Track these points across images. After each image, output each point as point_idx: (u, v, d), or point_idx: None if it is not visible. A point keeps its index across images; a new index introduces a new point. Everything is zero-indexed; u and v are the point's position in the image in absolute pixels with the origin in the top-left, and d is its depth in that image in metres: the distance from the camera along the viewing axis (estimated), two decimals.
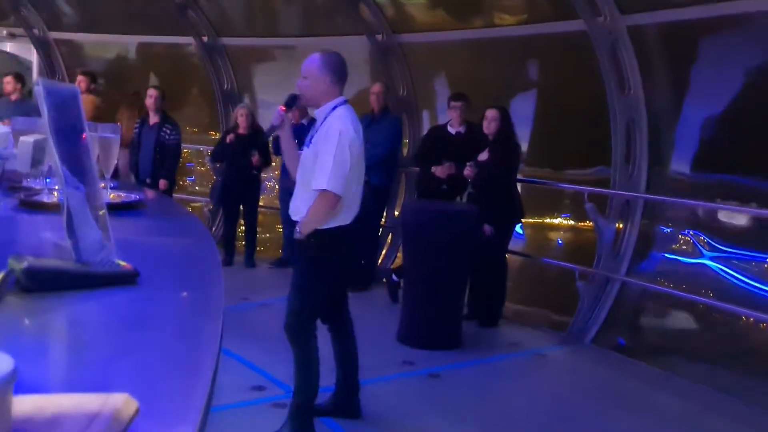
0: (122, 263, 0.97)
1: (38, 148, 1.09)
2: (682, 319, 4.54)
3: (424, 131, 5.87)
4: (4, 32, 8.32)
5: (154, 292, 0.93)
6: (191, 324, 0.82)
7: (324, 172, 2.68)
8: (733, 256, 4.19)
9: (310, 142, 2.81)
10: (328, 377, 3.76)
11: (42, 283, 0.86)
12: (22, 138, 1.10)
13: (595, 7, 4.39)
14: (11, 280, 0.77)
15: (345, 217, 2.87)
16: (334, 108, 2.80)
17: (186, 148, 6.83)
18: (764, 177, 4.09)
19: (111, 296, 0.90)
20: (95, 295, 0.89)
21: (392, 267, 5.80)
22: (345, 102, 2.85)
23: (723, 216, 4.36)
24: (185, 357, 0.70)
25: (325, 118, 2.79)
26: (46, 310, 0.84)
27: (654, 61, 4.57)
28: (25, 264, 0.86)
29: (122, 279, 0.94)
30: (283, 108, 2.76)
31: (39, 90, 0.95)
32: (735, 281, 4.12)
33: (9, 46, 8.53)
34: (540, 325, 5.01)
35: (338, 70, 2.82)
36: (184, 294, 0.96)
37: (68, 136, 1.01)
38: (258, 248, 6.48)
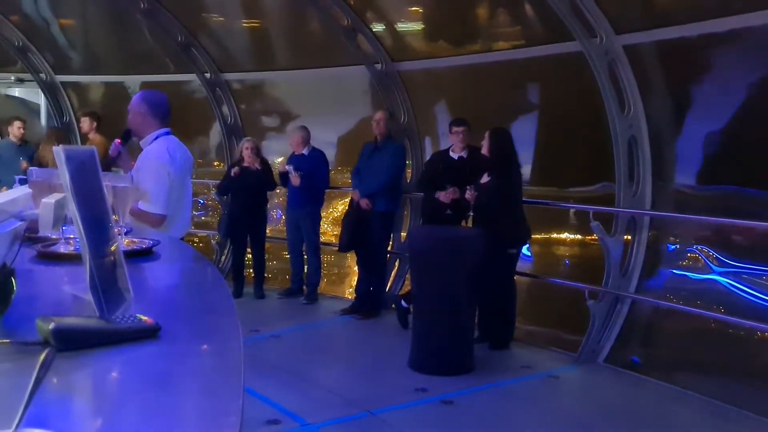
0: (143, 318, 1.01)
1: (59, 207, 1.13)
2: (694, 335, 4.51)
3: (427, 157, 5.93)
4: (12, 77, 8.51)
5: (176, 346, 0.97)
6: (213, 380, 0.86)
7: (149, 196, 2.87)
8: (743, 270, 4.19)
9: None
10: (340, 408, 3.76)
11: (69, 342, 0.90)
12: (44, 200, 1.14)
13: (591, 29, 4.46)
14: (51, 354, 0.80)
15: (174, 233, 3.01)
16: (156, 138, 3.00)
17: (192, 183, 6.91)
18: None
19: (135, 352, 0.93)
20: (120, 351, 0.93)
21: (401, 293, 5.81)
22: (168, 133, 3.05)
23: (730, 230, 4.36)
24: (211, 415, 0.73)
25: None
26: (73, 369, 0.87)
27: (653, 79, 4.63)
28: (52, 325, 0.90)
29: (144, 334, 0.97)
30: (119, 141, 2.98)
31: (59, 155, 1.00)
32: (745, 296, 4.11)
33: (17, 91, 8.71)
34: (551, 346, 4.99)
35: (155, 104, 3.02)
36: (205, 347, 0.99)
37: (88, 196, 1.06)
38: (266, 275, 6.52)
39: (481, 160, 4.84)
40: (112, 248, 1.14)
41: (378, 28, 6.03)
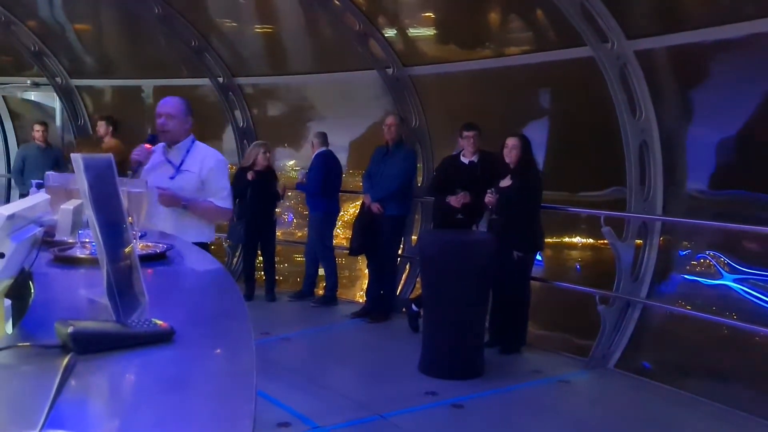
0: (159, 322, 1.03)
1: (77, 213, 1.16)
2: (706, 341, 4.49)
3: (438, 161, 5.94)
4: (28, 82, 8.64)
5: (190, 350, 0.99)
6: (226, 384, 0.88)
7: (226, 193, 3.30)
8: (755, 276, 4.16)
9: (178, 170, 3.23)
10: (350, 411, 3.78)
11: (88, 346, 0.92)
12: (62, 207, 1.17)
13: (602, 34, 4.46)
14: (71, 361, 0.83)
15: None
16: (194, 141, 3.33)
17: None
18: None
19: (150, 355, 0.96)
20: (135, 355, 0.95)
21: (411, 297, 5.82)
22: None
23: (742, 236, 4.34)
24: (224, 418, 0.75)
25: (188, 150, 3.28)
26: (91, 372, 0.90)
27: (664, 84, 4.61)
28: (71, 329, 0.92)
29: (160, 338, 1.00)
30: (148, 146, 3.18)
31: (77, 163, 1.02)
32: (758, 302, 4.08)
33: (33, 95, 8.83)
34: (562, 351, 4.98)
35: (191, 111, 3.39)
36: (218, 351, 1.02)
37: (105, 203, 1.08)
38: (277, 277, 6.57)
39: (494, 166, 4.84)
40: (128, 253, 1.17)
41: (390, 33, 6.05)
